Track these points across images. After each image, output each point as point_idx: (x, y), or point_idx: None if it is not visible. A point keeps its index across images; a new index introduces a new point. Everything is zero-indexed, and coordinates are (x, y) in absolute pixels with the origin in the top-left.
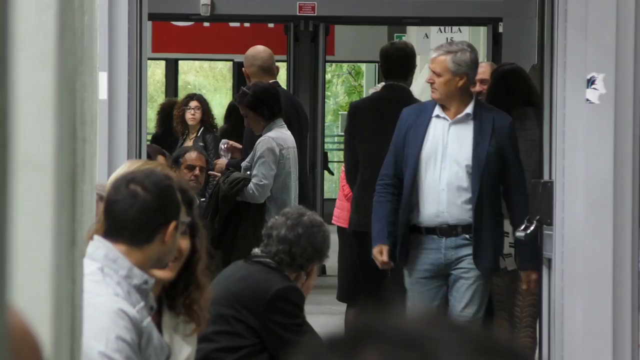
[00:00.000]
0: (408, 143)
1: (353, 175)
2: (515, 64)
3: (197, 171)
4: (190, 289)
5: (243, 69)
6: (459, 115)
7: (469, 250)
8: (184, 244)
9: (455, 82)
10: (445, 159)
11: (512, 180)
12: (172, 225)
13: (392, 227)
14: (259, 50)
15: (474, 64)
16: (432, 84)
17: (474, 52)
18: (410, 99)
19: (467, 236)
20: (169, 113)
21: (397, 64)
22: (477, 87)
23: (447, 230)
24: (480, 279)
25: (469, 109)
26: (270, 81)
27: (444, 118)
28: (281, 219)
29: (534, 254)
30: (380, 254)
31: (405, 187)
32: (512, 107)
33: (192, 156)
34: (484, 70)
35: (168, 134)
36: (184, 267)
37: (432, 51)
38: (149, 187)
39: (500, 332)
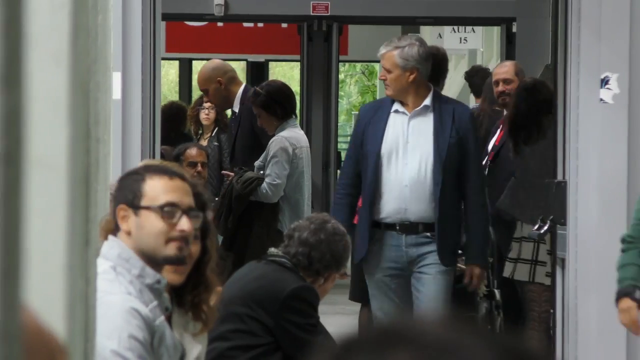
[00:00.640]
0: (367, 140)
1: None
2: (533, 78)
3: (199, 167)
4: (200, 289)
5: (219, 79)
6: (417, 108)
7: (430, 247)
8: (194, 248)
9: (406, 77)
10: (407, 154)
11: (469, 172)
12: (120, 208)
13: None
14: (217, 61)
15: (424, 57)
16: (384, 80)
17: (424, 46)
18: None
19: (427, 234)
20: (168, 117)
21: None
22: (500, 87)
23: (408, 227)
24: (443, 274)
25: (427, 101)
26: (244, 85)
27: (403, 112)
28: (305, 223)
29: (481, 251)
30: None
31: (366, 184)
32: (540, 116)
33: (192, 153)
34: (508, 69)
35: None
36: (194, 268)
37: (382, 47)
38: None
39: (529, 340)
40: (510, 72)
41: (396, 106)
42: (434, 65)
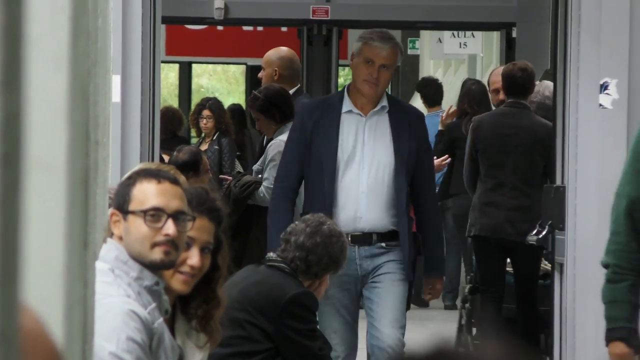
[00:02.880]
0: (317, 142)
1: (473, 183)
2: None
3: (210, 173)
4: (211, 305)
5: (273, 69)
6: (375, 109)
7: (386, 257)
8: (205, 260)
9: (391, 77)
10: (365, 159)
11: (424, 179)
12: (112, 212)
13: None
14: (292, 53)
15: None
16: (374, 77)
17: None
18: (529, 114)
19: (382, 244)
20: (166, 120)
21: (520, 83)
22: (501, 96)
23: (360, 238)
24: (399, 283)
25: (384, 102)
26: (297, 87)
27: (358, 114)
28: (301, 226)
29: (441, 262)
30: None
31: (321, 191)
32: None
33: (205, 159)
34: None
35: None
36: (204, 282)
37: (378, 42)
38: None
39: None
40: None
41: (348, 106)
42: (525, 80)
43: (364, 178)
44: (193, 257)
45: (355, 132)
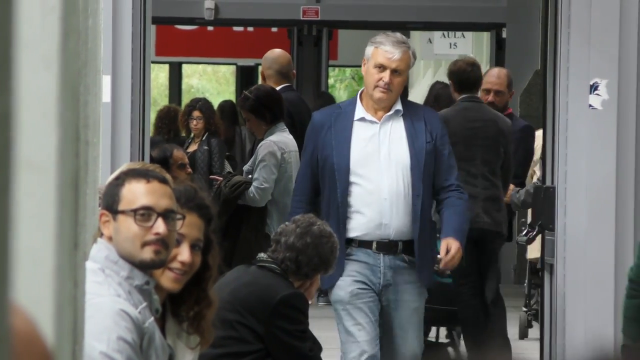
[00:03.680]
0: (330, 151)
1: None
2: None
3: (188, 168)
4: (202, 305)
5: (261, 70)
6: (389, 113)
7: (408, 276)
8: (195, 258)
9: (405, 81)
10: (382, 165)
11: (446, 178)
12: (102, 213)
13: None
14: (278, 54)
15: None
16: (386, 83)
17: None
18: (488, 108)
19: (405, 258)
20: (169, 120)
21: (472, 78)
22: (491, 97)
23: (387, 246)
24: (418, 311)
25: (398, 105)
26: (285, 85)
27: (371, 121)
28: (291, 226)
29: (460, 228)
30: None
31: (336, 200)
32: None
33: (180, 155)
34: (502, 81)
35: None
36: (195, 282)
37: (390, 46)
38: None
39: None
40: (503, 84)
41: (361, 113)
42: (475, 74)
43: (385, 184)
44: (183, 253)
45: (370, 138)
